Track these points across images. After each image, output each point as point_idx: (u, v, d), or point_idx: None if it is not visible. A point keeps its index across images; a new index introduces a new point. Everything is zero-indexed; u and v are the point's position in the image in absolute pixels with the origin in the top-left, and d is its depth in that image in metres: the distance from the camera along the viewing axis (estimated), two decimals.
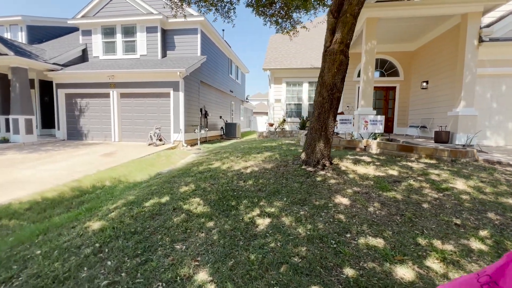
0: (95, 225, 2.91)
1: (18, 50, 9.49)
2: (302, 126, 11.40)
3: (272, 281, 1.89)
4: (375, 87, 11.37)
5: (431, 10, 6.84)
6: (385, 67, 10.86)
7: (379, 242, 2.37)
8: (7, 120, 10.83)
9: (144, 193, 3.95)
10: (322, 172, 4.19)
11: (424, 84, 9.28)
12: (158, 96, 10.37)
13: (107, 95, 10.65)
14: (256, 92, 48.47)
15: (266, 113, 43.96)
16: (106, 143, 10.36)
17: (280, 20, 7.89)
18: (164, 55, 11.78)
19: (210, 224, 2.80)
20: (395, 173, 4.23)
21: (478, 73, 7.14)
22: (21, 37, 13.02)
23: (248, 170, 4.72)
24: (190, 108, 10.85)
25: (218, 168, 5.24)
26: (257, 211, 3.05)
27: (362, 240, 2.39)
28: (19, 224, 3.40)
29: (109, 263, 2.19)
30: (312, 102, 12.29)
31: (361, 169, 4.39)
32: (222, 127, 15.73)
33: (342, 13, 4.00)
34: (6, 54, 9.21)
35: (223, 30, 17.95)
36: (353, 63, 11.06)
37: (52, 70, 10.59)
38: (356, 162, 4.82)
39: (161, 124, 10.28)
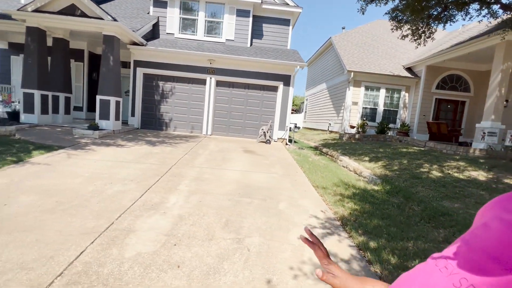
0: None
1: (111, 15, 7.57)
2: (380, 131, 11.80)
3: None
4: (444, 99, 12.38)
5: None
6: (457, 82, 11.88)
7: None
8: (55, 98, 8.50)
9: None
10: None
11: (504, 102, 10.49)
12: (262, 89, 9.50)
13: (201, 81, 9.31)
14: None
15: None
16: (196, 135, 9.09)
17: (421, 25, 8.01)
18: (251, 43, 10.80)
19: None
20: None
21: None
22: None
23: None
24: None
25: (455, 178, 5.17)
26: None
27: None
28: None
29: None
30: (387, 108, 12.79)
31: None
32: None
33: None
34: (100, 18, 7.32)
35: None
36: (433, 75, 11.85)
37: (135, 44, 8.79)
38: None
39: (264, 119, 9.46)
